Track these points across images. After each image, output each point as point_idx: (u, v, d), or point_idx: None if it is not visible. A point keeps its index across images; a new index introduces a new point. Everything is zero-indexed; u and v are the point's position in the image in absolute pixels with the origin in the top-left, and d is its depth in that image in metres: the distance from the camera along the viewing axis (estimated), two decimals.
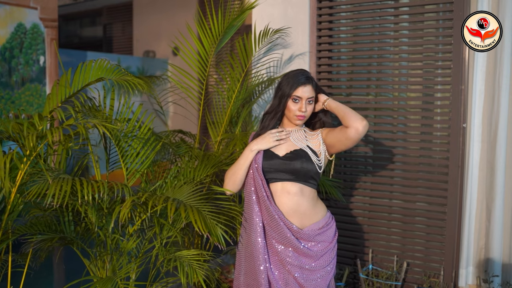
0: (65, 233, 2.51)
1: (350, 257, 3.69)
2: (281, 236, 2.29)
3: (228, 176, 2.40)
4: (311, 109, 2.35)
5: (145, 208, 2.29)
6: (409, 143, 3.53)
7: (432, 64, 3.45)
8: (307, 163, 2.31)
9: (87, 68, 2.30)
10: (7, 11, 5.04)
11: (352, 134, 2.24)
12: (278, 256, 2.32)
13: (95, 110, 2.49)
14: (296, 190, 2.33)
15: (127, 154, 2.57)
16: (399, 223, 3.56)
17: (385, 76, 3.60)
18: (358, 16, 3.62)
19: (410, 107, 3.55)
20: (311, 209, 2.37)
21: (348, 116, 2.27)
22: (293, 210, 2.33)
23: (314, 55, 3.73)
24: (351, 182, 3.71)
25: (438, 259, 3.41)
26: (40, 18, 5.35)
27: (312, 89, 2.33)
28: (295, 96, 2.30)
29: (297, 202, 2.33)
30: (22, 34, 5.20)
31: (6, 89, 5.07)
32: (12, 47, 5.10)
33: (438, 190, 3.40)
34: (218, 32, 3.00)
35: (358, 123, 2.23)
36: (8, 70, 5.10)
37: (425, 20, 3.43)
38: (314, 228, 2.35)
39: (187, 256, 2.55)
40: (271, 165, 2.33)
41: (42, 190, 2.16)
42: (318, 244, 2.35)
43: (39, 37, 5.36)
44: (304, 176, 2.33)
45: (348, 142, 2.29)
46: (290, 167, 2.31)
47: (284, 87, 2.32)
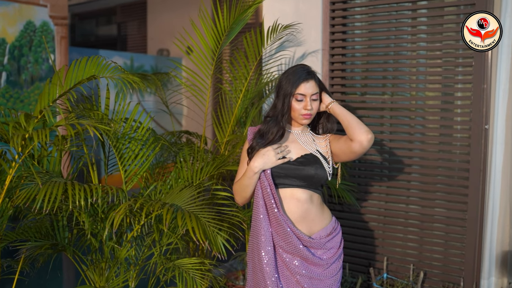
0: (58, 239, 2.38)
1: (364, 265, 3.51)
2: (289, 246, 2.15)
3: (236, 191, 2.25)
4: (317, 105, 2.20)
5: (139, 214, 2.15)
6: (428, 145, 3.32)
7: (452, 61, 3.24)
8: (321, 170, 2.17)
9: (81, 66, 2.16)
10: (16, 9, 4.97)
11: (356, 148, 2.10)
12: (286, 266, 2.17)
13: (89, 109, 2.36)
14: (306, 198, 2.19)
15: (125, 156, 2.43)
16: (416, 230, 3.37)
17: (402, 75, 3.40)
18: (373, 11, 3.43)
19: (428, 107, 3.34)
20: (319, 215, 2.24)
21: (352, 128, 2.11)
22: (301, 218, 2.19)
23: (327, 53, 3.55)
24: (366, 186, 3.52)
25: (457, 269, 3.20)
26: (50, 16, 5.27)
27: (315, 84, 2.17)
28: (298, 94, 2.14)
29: (306, 209, 2.19)
30: (31, 32, 5.12)
31: (15, 88, 5.00)
32: (21, 45, 5.02)
33: (458, 196, 3.20)
34: (224, 28, 2.84)
35: (363, 137, 2.08)
36: (17, 69, 5.02)
37: (445, 15, 3.23)
38: (322, 234, 2.22)
39: (188, 265, 2.41)
40: (282, 170, 2.17)
41: (32, 194, 2.03)
42: (328, 252, 2.23)
43: (49, 35, 5.28)
44: (316, 184, 2.20)
45: (352, 155, 2.16)
46: (303, 173, 2.16)
47: (285, 86, 2.16)
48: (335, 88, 3.59)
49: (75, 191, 2.07)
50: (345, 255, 3.58)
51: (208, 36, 2.90)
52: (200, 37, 2.95)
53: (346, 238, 3.58)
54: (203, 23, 2.88)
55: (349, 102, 3.57)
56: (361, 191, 3.53)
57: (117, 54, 7.14)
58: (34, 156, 2.34)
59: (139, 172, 2.48)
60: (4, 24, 4.87)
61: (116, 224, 2.03)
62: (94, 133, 2.16)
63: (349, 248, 3.57)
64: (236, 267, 4.01)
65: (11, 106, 4.96)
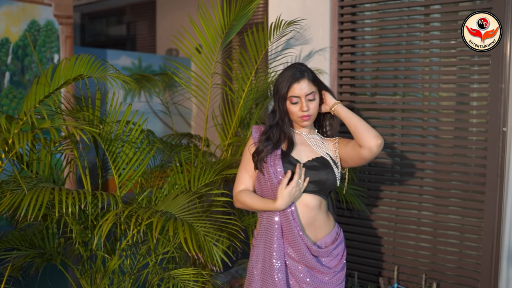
0: (47, 248, 2.25)
1: (373, 274, 3.34)
2: (297, 253, 2.03)
3: (239, 202, 2.12)
4: (315, 105, 2.05)
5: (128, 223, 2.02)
6: (441, 148, 3.15)
7: (468, 60, 3.06)
8: (332, 174, 2.05)
9: (69, 65, 2.04)
10: (20, 8, 4.88)
11: (365, 154, 1.98)
12: (291, 273, 2.05)
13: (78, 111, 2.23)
14: (315, 204, 2.06)
15: (118, 160, 2.30)
16: (429, 238, 3.19)
17: (414, 74, 3.23)
18: (384, 7, 3.26)
19: (442, 109, 3.17)
20: (325, 222, 2.12)
21: (360, 133, 1.98)
22: (308, 225, 2.07)
23: (336, 51, 3.39)
24: (376, 191, 3.35)
25: (473, 280, 3.02)
26: (54, 15, 5.17)
27: (309, 83, 2.02)
28: (291, 96, 2.01)
29: (314, 216, 2.07)
30: (35, 31, 5.03)
31: (18, 88, 4.91)
32: (25, 45, 4.93)
33: (473, 202, 3.02)
34: (224, 25, 2.70)
35: (372, 143, 1.95)
36: (21, 69, 4.94)
37: (460, 11, 3.04)
38: (327, 241, 2.11)
39: (184, 275, 2.27)
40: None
41: (16, 201, 1.91)
42: (334, 259, 2.12)
43: (53, 34, 5.18)
44: (327, 189, 2.08)
45: (361, 161, 2.04)
46: (315, 179, 2.03)
47: (278, 89, 2.04)
48: (344, 88, 3.42)
49: (63, 197, 1.94)
50: (354, 263, 3.41)
51: (207, 33, 2.76)
52: (200, 35, 2.81)
53: (355, 245, 3.42)
54: (202, 20, 2.74)
55: (359, 103, 3.40)
56: (371, 197, 3.36)
57: (125, 54, 7.04)
58: (23, 159, 2.22)
59: (134, 176, 2.35)
60: (7, 24, 4.79)
61: (104, 233, 1.90)
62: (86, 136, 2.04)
63: (358, 256, 3.41)
64: (240, 274, 3.87)
65: (15, 107, 4.87)
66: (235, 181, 2.19)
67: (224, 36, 2.74)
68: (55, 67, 2.11)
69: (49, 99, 1.95)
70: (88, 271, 2.27)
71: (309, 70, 2.07)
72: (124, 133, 2.29)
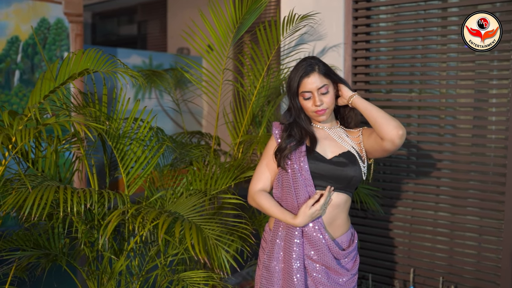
0: (51, 248, 2.19)
1: (388, 276, 3.24)
2: (318, 254, 1.95)
3: (256, 202, 2.05)
4: (329, 99, 1.96)
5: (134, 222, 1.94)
6: (459, 147, 3.04)
7: (487, 55, 2.96)
8: (359, 170, 1.98)
9: (76, 60, 1.97)
10: (30, 6, 4.85)
11: (388, 146, 1.89)
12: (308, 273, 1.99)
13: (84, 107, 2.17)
14: (339, 202, 1.99)
15: (126, 158, 2.23)
16: (446, 240, 3.09)
17: (431, 70, 3.13)
18: (400, 1, 3.16)
19: (460, 106, 3.06)
20: (345, 221, 2.06)
21: (379, 125, 1.89)
22: (329, 223, 1.99)
23: (350, 47, 3.30)
24: (391, 191, 3.25)
25: (492, 284, 2.91)
26: (64, 13, 5.14)
27: (320, 76, 1.94)
28: (303, 92, 1.94)
29: (336, 215, 1.99)
30: (45, 29, 5.00)
31: (28, 87, 4.88)
32: (35, 43, 4.90)
33: (493, 203, 2.91)
34: (236, 19, 2.62)
35: (393, 134, 1.86)
36: (30, 67, 4.91)
37: (479, 4, 2.94)
38: (343, 240, 2.03)
39: (194, 278, 2.20)
40: (318, 170, 1.96)
41: (20, 199, 1.85)
42: (351, 261, 2.06)
43: (63, 32, 5.15)
44: (353, 186, 2.00)
45: (385, 153, 1.96)
46: (343, 174, 1.95)
47: (290, 85, 1.97)
48: (358, 85, 3.33)
49: (68, 196, 1.88)
50: (368, 265, 3.32)
51: (219, 28, 2.68)
52: (211, 30, 2.74)
53: (370, 247, 3.33)
54: (213, 15, 2.67)
55: (373, 100, 3.31)
56: (386, 197, 3.27)
57: (136, 52, 7.00)
58: (29, 157, 2.16)
59: (142, 175, 2.28)
60: (17, 22, 4.76)
61: (109, 231, 1.84)
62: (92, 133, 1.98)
63: (373, 257, 3.31)
64: (251, 276, 3.79)
65: (24, 105, 4.84)
66: (253, 177, 2.12)
67: (236, 31, 2.66)
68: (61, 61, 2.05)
69: (54, 94, 1.89)
70: (95, 272, 2.20)
71: (320, 62, 1.99)
72: (132, 130, 2.22)
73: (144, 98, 6.42)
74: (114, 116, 2.19)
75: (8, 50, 4.71)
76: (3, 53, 4.67)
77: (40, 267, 2.36)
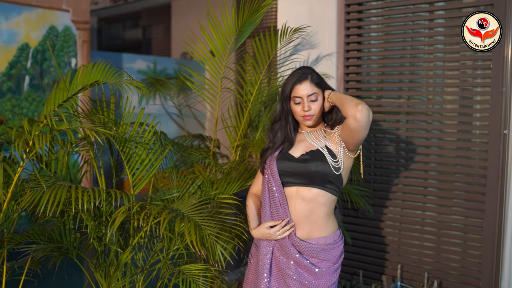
0: (64, 242, 2.40)
1: (378, 272, 3.43)
2: (283, 248, 2.14)
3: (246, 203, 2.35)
4: (317, 106, 2.14)
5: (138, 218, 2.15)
6: (445, 150, 3.23)
7: (471, 64, 3.15)
8: (323, 166, 2.09)
9: (87, 71, 2.18)
10: (39, 14, 5.07)
11: (352, 123, 1.99)
12: (278, 267, 2.16)
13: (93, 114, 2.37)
14: (311, 196, 2.13)
15: (132, 160, 2.44)
16: (432, 238, 3.28)
17: (418, 78, 3.32)
18: (389, 13, 3.36)
19: (446, 111, 3.25)
20: (324, 219, 2.16)
21: (345, 106, 2.02)
22: (305, 217, 2.14)
23: (342, 56, 3.50)
24: (381, 191, 3.45)
25: (474, 279, 3.10)
26: (72, 21, 5.36)
27: (311, 84, 2.12)
28: (294, 97, 2.13)
29: (311, 209, 2.13)
30: (54, 36, 5.22)
31: (37, 91, 5.10)
32: (44, 49, 5.12)
33: (475, 203, 3.10)
34: (233, 31, 2.83)
35: (353, 110, 1.96)
36: (40, 73, 5.12)
37: (463, 16, 3.13)
38: (321, 242, 2.14)
39: (193, 271, 2.40)
40: (286, 168, 2.15)
41: (36, 197, 2.05)
42: (322, 262, 2.15)
43: (71, 39, 5.37)
44: (322, 180, 2.11)
45: (354, 133, 2.03)
46: (306, 170, 2.11)
47: (283, 90, 2.16)
48: (350, 92, 3.53)
49: (79, 194, 2.08)
50: (360, 262, 3.51)
51: (217, 40, 2.89)
52: (210, 41, 2.94)
53: (361, 244, 3.51)
54: (212, 28, 2.87)
55: None
56: (376, 197, 3.46)
57: (140, 57, 7.21)
58: (42, 159, 2.36)
59: (147, 176, 2.48)
60: (27, 29, 4.98)
61: (116, 225, 2.03)
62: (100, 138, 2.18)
63: (364, 255, 3.50)
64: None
65: (34, 110, 5.06)
66: (253, 180, 2.38)
67: (233, 42, 2.86)
68: (73, 73, 2.25)
69: (67, 103, 2.10)
70: (102, 264, 2.40)
71: (314, 73, 2.17)
72: (138, 134, 2.42)
73: (149, 103, 6.62)
74: (120, 121, 2.40)
75: (18, 56, 4.93)
76: (14, 59, 4.89)
77: (51, 261, 2.56)
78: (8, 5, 4.81)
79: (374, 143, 3.48)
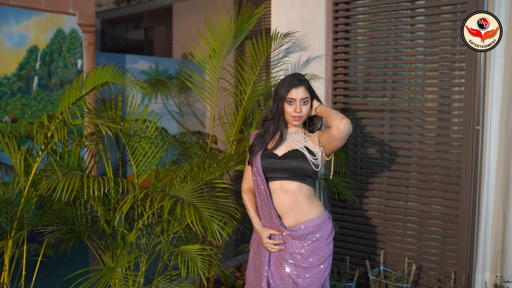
0: (76, 225, 2.68)
1: (363, 258, 3.70)
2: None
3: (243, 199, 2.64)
4: (306, 109, 2.44)
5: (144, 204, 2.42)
6: (425, 145, 3.51)
7: (448, 65, 3.42)
8: (303, 162, 2.42)
9: (97, 73, 2.45)
10: (47, 18, 5.36)
11: (334, 133, 2.34)
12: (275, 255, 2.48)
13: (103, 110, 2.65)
14: (293, 188, 2.45)
15: (136, 153, 2.72)
16: (414, 226, 3.55)
17: (401, 78, 3.59)
18: (374, 18, 3.63)
19: (426, 109, 3.52)
20: (308, 205, 2.47)
21: (330, 117, 2.36)
22: (290, 207, 2.45)
23: (331, 58, 3.77)
24: (367, 184, 3.72)
25: (451, 263, 3.37)
26: (78, 24, 5.64)
27: (305, 90, 2.43)
28: (289, 98, 2.42)
29: (295, 199, 2.45)
30: (61, 39, 5.50)
31: (45, 91, 5.38)
32: (52, 51, 5.41)
33: (452, 193, 3.37)
34: (228, 35, 3.11)
35: (338, 122, 2.32)
36: (48, 73, 5.41)
37: (441, 21, 3.40)
38: (309, 224, 2.44)
39: (191, 251, 2.67)
40: (270, 164, 2.45)
41: (53, 184, 2.33)
42: (314, 243, 2.44)
43: (77, 41, 5.65)
44: (301, 175, 2.44)
45: (334, 141, 2.39)
46: (288, 166, 2.43)
47: (279, 91, 2.44)
48: (338, 91, 3.80)
49: (90, 182, 2.35)
50: (346, 249, 3.78)
51: (213, 43, 3.17)
52: (207, 45, 3.22)
53: (348, 233, 3.79)
54: (209, 32, 3.15)
55: (352, 105, 3.77)
56: (363, 189, 3.73)
57: (143, 58, 7.48)
58: (57, 152, 2.64)
59: (149, 167, 2.76)
60: (36, 32, 5.26)
61: (125, 210, 2.31)
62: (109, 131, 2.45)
63: (350, 242, 3.78)
64: (247, 260, 4.26)
65: (42, 108, 5.35)
66: (243, 176, 2.66)
67: (229, 45, 3.14)
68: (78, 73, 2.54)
69: (80, 101, 2.37)
70: (110, 246, 2.68)
71: (306, 80, 2.49)
72: (141, 130, 2.70)
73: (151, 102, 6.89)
74: (126, 117, 2.68)
75: (28, 58, 5.22)
76: (24, 61, 5.18)
77: (63, 245, 2.85)
78: (19, 10, 5.10)
79: (361, 139, 3.75)
